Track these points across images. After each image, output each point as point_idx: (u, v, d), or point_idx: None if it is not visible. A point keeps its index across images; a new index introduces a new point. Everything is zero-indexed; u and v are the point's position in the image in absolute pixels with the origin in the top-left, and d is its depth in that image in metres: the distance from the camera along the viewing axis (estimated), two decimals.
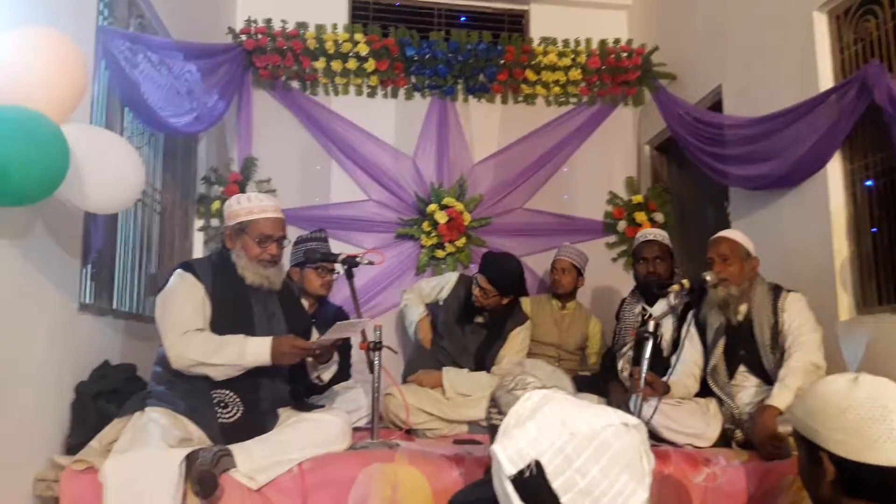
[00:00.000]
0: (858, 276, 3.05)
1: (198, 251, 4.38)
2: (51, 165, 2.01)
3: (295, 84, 4.70)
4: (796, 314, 2.81)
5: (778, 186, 3.46)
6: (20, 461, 2.25)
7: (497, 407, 1.94)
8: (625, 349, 3.52)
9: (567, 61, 4.84)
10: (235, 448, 2.30)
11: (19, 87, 2.04)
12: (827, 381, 1.46)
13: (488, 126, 4.85)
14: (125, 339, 3.06)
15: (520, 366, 2.00)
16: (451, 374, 3.38)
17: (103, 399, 2.60)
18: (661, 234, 3.66)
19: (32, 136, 1.95)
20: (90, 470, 2.22)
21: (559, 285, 3.99)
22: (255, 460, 2.28)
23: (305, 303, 3.31)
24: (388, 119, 4.77)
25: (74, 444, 2.46)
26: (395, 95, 4.79)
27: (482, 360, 3.50)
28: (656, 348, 3.12)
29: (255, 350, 2.40)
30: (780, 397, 2.61)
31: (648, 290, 3.52)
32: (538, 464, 1.05)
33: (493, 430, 1.95)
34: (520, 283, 3.51)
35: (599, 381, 3.62)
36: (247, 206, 2.58)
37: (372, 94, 4.76)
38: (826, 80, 3.21)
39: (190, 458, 2.17)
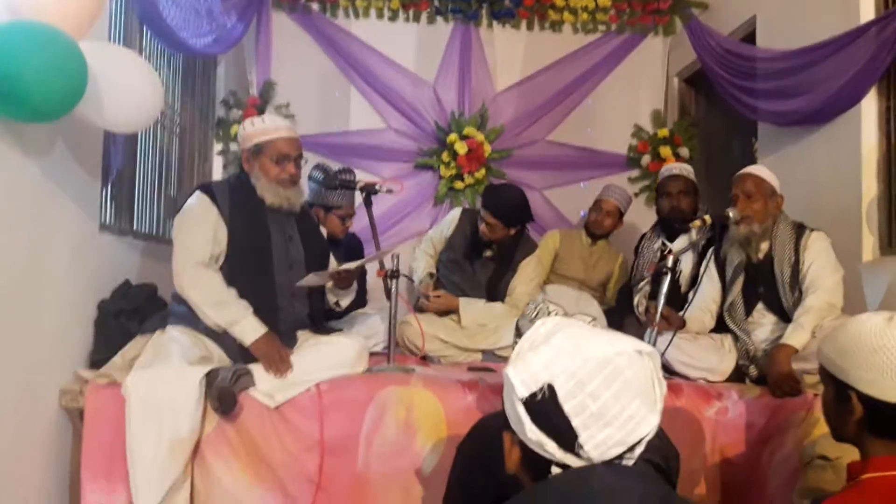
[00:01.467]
0: (886, 217, 2.99)
1: (217, 174, 4.39)
2: (69, 81, 2.00)
3: (315, 6, 4.59)
4: (817, 254, 2.77)
5: (809, 123, 3.36)
6: (46, 374, 2.32)
7: (520, 336, 1.95)
8: (642, 284, 3.51)
9: None
10: (254, 367, 2.35)
11: (37, 3, 2.00)
12: (860, 320, 1.43)
13: (512, 53, 4.72)
14: (145, 260, 3.10)
15: (542, 293, 1.99)
16: (467, 304, 3.39)
17: (125, 317, 2.65)
18: (686, 169, 3.59)
19: (50, 51, 1.92)
20: (113, 384, 2.29)
21: (599, 226, 3.92)
22: (273, 380, 2.33)
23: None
24: (410, 44, 4.66)
25: (98, 359, 2.53)
26: (416, 19, 4.66)
27: (494, 293, 3.49)
28: (674, 284, 3.11)
29: (243, 329, 2.38)
30: (796, 337, 2.60)
31: (670, 226, 3.47)
32: (550, 387, 1.06)
33: None
34: (524, 211, 3.44)
35: (614, 315, 3.63)
36: (261, 127, 2.57)
37: (393, 18, 4.64)
38: (867, 11, 3.06)
39: (209, 376, 2.23)
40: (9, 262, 2.07)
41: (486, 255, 3.51)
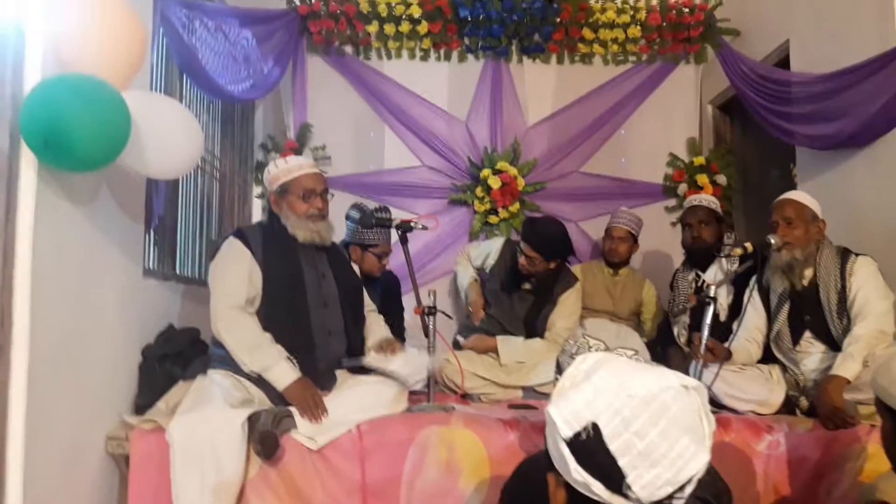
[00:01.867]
0: None
1: (256, 217, 4.46)
2: (113, 131, 2.05)
3: (348, 49, 4.68)
4: (865, 279, 2.70)
5: (847, 146, 3.30)
6: (93, 420, 2.35)
7: (561, 372, 1.93)
8: (681, 315, 3.46)
9: (626, 18, 4.65)
10: (295, 409, 2.35)
11: (82, 55, 2.08)
12: None
13: (543, 87, 4.73)
14: (188, 304, 3.15)
15: (581, 328, 1.97)
16: (505, 342, 3.36)
17: (169, 362, 2.69)
18: (707, 199, 3.61)
19: (95, 102, 1.99)
20: (158, 429, 2.31)
21: (615, 254, 3.90)
22: (314, 422, 2.33)
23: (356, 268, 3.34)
24: (441, 82, 4.70)
25: (142, 404, 2.56)
26: (447, 58, 4.72)
27: (533, 327, 3.47)
28: (714, 314, 3.05)
29: (276, 375, 2.40)
30: (846, 367, 2.52)
31: (697, 257, 3.45)
32: (595, 426, 1.04)
33: None
34: (564, 244, 3.43)
35: (657, 346, 3.57)
36: (284, 168, 2.65)
37: (425, 58, 4.71)
38: None
39: (251, 420, 2.24)
40: (56, 309, 2.12)
41: (525, 287, 3.49)
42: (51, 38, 2.04)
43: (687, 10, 4.65)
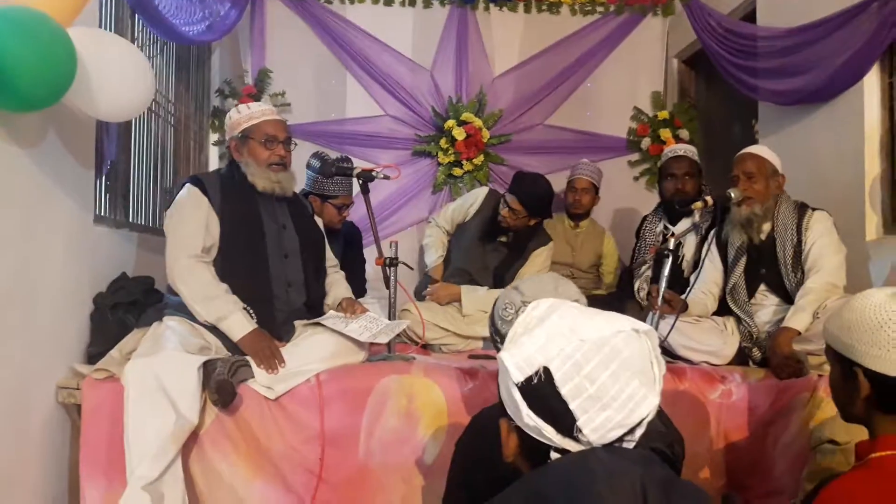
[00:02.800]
0: (889, 195, 2.96)
1: (213, 164, 4.37)
2: (57, 68, 1.96)
3: None
4: (819, 234, 2.74)
5: (810, 101, 3.32)
6: (42, 369, 2.30)
7: (499, 335, 1.93)
8: (643, 268, 3.49)
9: None
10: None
11: None
12: (864, 296, 1.42)
13: (510, 37, 4.66)
14: (142, 252, 3.08)
15: (518, 293, 1.95)
16: (468, 292, 3.37)
17: (122, 310, 2.63)
18: (690, 150, 3.56)
19: (37, 37, 1.89)
20: (111, 378, 2.27)
21: (578, 205, 3.92)
22: None
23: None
24: (406, 29, 4.60)
25: (94, 353, 2.51)
26: (412, 3, 4.59)
27: (501, 278, 3.48)
28: (677, 267, 3.08)
29: (231, 325, 2.34)
30: (797, 319, 2.58)
31: (672, 208, 3.44)
32: (546, 370, 1.03)
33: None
34: (549, 204, 3.44)
35: (615, 300, 3.60)
36: (246, 113, 2.58)
37: (389, 3, 4.58)
38: None
39: (207, 368, 2.20)
40: (2, 255, 2.05)
41: (501, 240, 3.50)
42: None
43: None
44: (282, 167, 2.57)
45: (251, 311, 2.43)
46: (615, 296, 3.73)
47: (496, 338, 1.98)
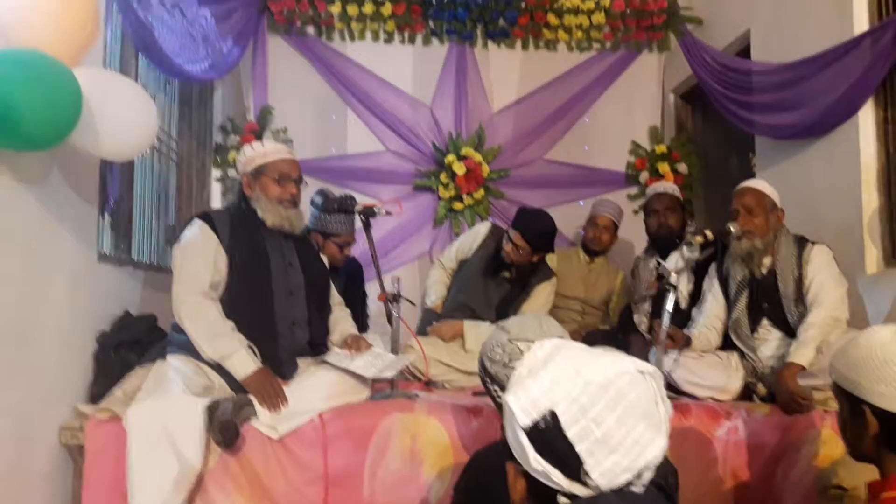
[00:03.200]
0: (888, 229, 2.97)
1: (216, 201, 4.38)
2: (63, 109, 1.99)
3: (310, 30, 4.60)
4: (820, 267, 2.75)
5: (806, 136, 3.36)
6: (45, 409, 2.29)
7: (490, 378, 1.92)
8: (641, 303, 3.50)
9: (590, 4, 4.66)
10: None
11: (30, 30, 1.99)
12: (870, 333, 1.42)
13: (508, 73, 4.73)
14: (145, 290, 3.08)
15: (504, 333, 1.95)
16: (471, 328, 3.36)
17: (125, 349, 2.62)
18: (671, 187, 3.67)
19: (44, 78, 1.92)
20: (114, 418, 2.25)
21: (598, 242, 3.92)
22: None
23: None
24: (406, 66, 4.66)
25: (98, 393, 2.49)
26: (412, 41, 4.67)
27: (504, 314, 3.46)
28: (675, 301, 3.08)
29: (235, 364, 2.34)
30: (801, 354, 2.58)
31: (661, 244, 3.49)
32: (553, 414, 1.03)
33: (497, 407, 1.93)
34: (552, 240, 3.46)
35: (618, 334, 3.60)
36: (261, 150, 2.60)
37: (389, 40, 4.65)
38: (861, 23, 3.07)
39: (211, 408, 2.19)
40: (4, 295, 2.05)
41: (504, 275, 3.50)
42: None
43: None
44: (292, 204, 2.59)
45: (255, 349, 2.42)
46: (619, 328, 3.73)
47: (486, 378, 1.97)
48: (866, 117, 3.06)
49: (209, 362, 2.38)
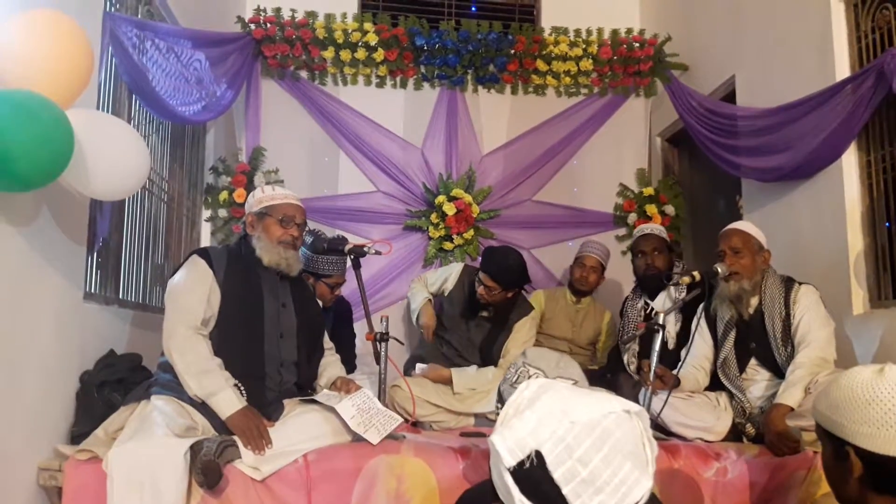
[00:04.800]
0: (873, 270, 3.00)
1: (205, 240, 4.38)
2: (55, 150, 1.99)
3: (304, 74, 4.68)
4: (807, 308, 2.76)
5: (791, 178, 3.41)
6: (24, 450, 2.24)
7: (503, 402, 1.91)
8: (630, 342, 3.50)
9: (578, 51, 4.78)
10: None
11: (24, 71, 2.02)
12: (851, 373, 1.41)
13: (498, 117, 4.81)
14: (131, 329, 3.05)
15: (522, 357, 1.96)
16: (458, 373, 3.33)
17: (109, 388, 2.59)
18: (658, 228, 3.70)
19: (37, 120, 1.93)
20: (94, 459, 2.21)
21: (584, 282, 3.92)
22: None
23: None
24: (397, 109, 4.73)
25: (79, 433, 2.45)
26: (403, 86, 4.76)
27: (488, 354, 3.47)
28: (662, 341, 3.09)
29: (219, 402, 2.31)
30: (789, 394, 2.58)
31: (649, 285, 3.52)
32: (539, 454, 1.02)
33: None
34: (522, 275, 3.44)
35: (606, 374, 3.60)
36: (270, 194, 2.66)
37: (381, 85, 4.73)
38: (843, 69, 3.15)
39: (194, 449, 2.16)
40: None
41: (483, 315, 3.50)
42: None
43: (637, 44, 4.79)
44: (292, 247, 2.61)
45: (241, 388, 2.40)
46: (607, 369, 3.72)
47: (498, 406, 1.95)
48: (850, 160, 3.11)
49: (193, 402, 2.35)
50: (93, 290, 2.82)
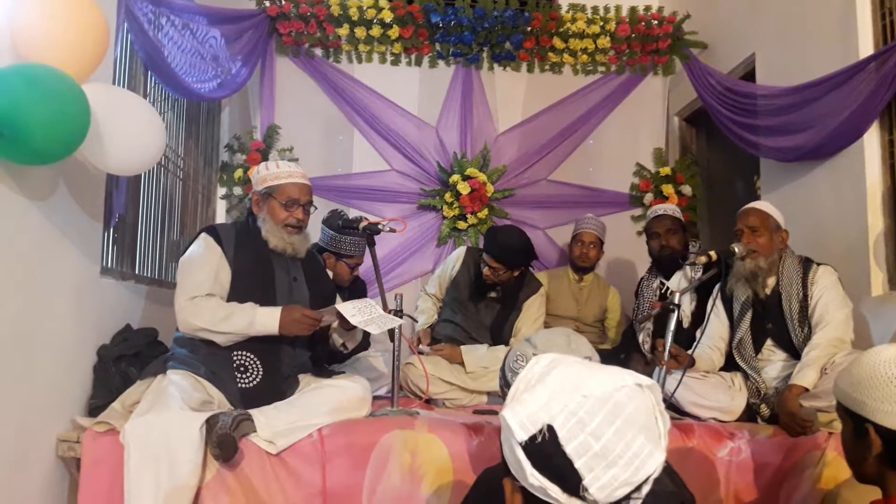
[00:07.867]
0: (893, 251, 2.96)
1: (220, 218, 4.40)
2: (71, 123, 2.00)
3: (318, 51, 4.65)
4: (825, 288, 2.74)
5: (811, 158, 3.36)
6: (43, 422, 2.28)
7: (508, 385, 1.91)
8: (645, 322, 3.49)
9: (596, 29, 4.71)
10: (255, 412, 2.30)
11: (41, 46, 2.02)
12: (873, 352, 1.41)
13: (513, 95, 4.76)
14: (147, 304, 3.08)
15: (528, 342, 1.95)
16: (469, 352, 3.33)
17: (125, 362, 2.62)
18: (671, 209, 3.68)
19: (53, 93, 1.94)
20: (112, 431, 2.24)
21: (586, 258, 3.93)
22: (274, 425, 2.28)
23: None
24: (412, 87, 4.70)
25: (96, 406, 2.49)
26: (419, 63, 4.72)
27: (499, 334, 3.46)
28: (677, 321, 3.07)
29: (263, 320, 2.37)
30: (804, 375, 2.55)
31: (664, 265, 3.50)
32: (550, 428, 1.01)
33: None
34: (526, 253, 3.42)
35: (620, 353, 3.59)
36: (274, 172, 2.60)
37: (396, 62, 4.70)
38: (866, 47, 3.08)
39: (210, 422, 2.18)
40: (7, 306, 2.05)
41: (491, 296, 3.48)
42: (8, 28, 1.98)
43: (656, 22, 4.71)
44: (297, 230, 2.59)
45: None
46: (620, 349, 3.71)
47: (505, 390, 1.96)
48: (871, 140, 3.05)
49: (209, 376, 2.37)
50: (109, 266, 2.84)
